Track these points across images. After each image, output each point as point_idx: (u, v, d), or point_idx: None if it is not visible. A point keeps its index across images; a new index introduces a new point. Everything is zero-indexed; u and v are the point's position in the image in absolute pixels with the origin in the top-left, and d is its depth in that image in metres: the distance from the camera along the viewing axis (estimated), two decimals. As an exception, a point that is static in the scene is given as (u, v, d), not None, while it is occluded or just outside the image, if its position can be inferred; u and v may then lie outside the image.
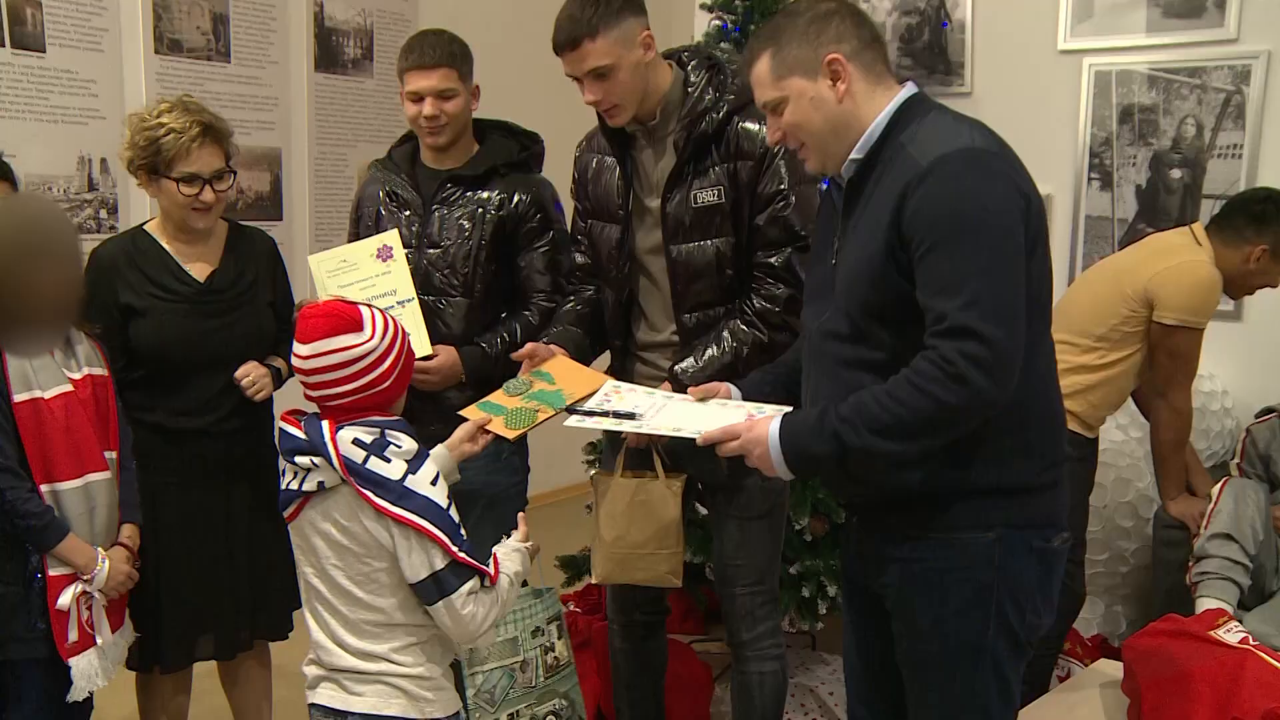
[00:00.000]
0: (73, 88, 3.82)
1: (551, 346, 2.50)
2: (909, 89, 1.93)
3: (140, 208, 3.79)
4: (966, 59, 4.63)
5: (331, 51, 4.63)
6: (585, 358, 2.58)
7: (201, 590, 2.63)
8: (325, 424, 1.90)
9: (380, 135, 4.55)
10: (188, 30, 4.11)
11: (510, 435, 2.22)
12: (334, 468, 1.87)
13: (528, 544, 2.14)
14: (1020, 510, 1.88)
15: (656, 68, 2.49)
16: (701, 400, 2.14)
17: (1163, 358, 3.13)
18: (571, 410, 2.20)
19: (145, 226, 2.66)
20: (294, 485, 1.95)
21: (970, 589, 1.88)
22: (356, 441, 1.89)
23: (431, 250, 2.76)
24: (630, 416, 2.11)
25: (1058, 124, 4.42)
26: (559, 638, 2.55)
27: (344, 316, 1.91)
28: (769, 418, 1.92)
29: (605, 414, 2.14)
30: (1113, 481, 3.87)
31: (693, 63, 2.54)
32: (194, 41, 4.14)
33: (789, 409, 2.00)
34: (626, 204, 2.56)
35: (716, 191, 2.45)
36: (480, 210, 2.75)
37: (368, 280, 2.67)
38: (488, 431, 2.19)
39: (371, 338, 1.91)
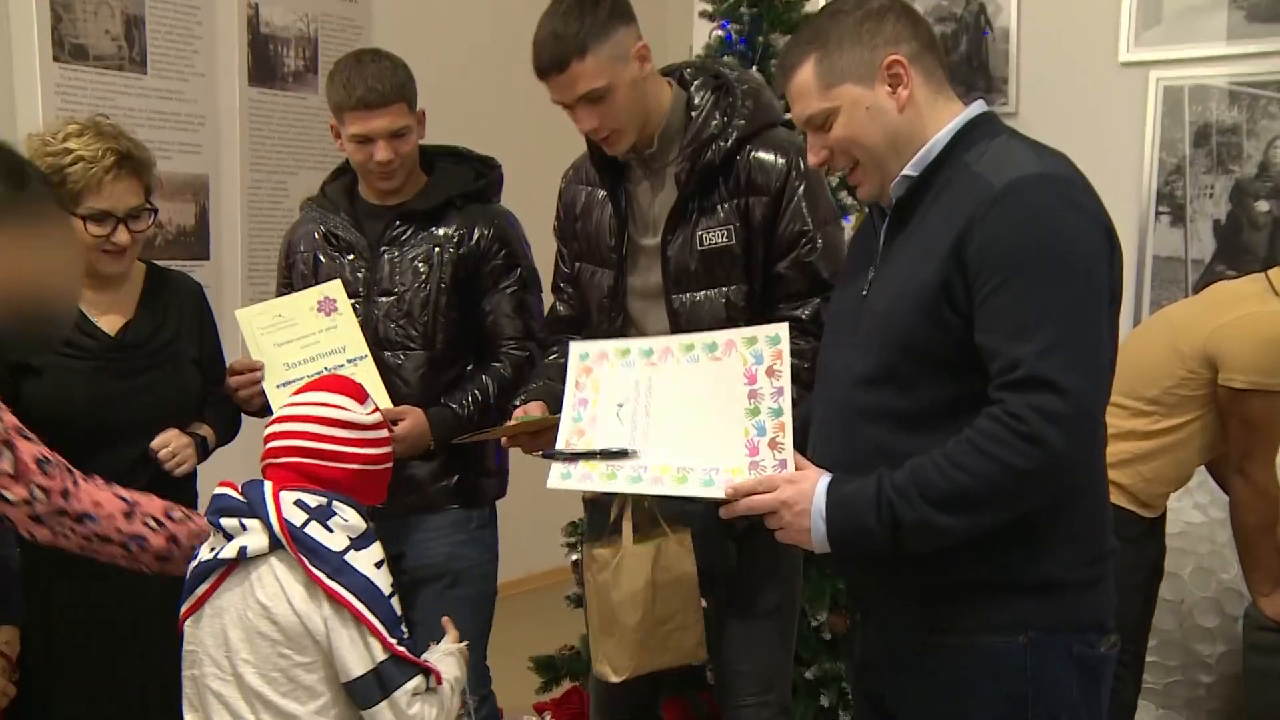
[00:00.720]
0: (-48, 100, 3.83)
1: (529, 407, 2.50)
2: (978, 106, 1.98)
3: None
4: (1011, 73, 4.67)
5: (268, 62, 4.70)
6: None
7: (104, 705, 2.60)
8: (268, 484, 1.98)
9: (325, 160, 4.52)
10: (94, 34, 4.14)
11: (497, 434, 2.36)
12: (269, 527, 1.92)
13: (461, 645, 2.18)
14: (1057, 609, 1.88)
15: (654, 85, 2.53)
16: (688, 347, 2.11)
17: (1236, 427, 3.14)
18: (548, 456, 2.18)
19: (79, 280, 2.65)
20: (207, 556, 1.98)
21: (999, 706, 1.89)
22: (299, 503, 1.95)
23: (383, 299, 2.82)
24: (621, 454, 2.08)
25: (1119, 148, 4.45)
26: None
27: (355, 387, 2.09)
28: (815, 472, 1.91)
29: (591, 455, 2.10)
30: (1191, 572, 3.86)
31: (696, 81, 2.58)
32: (102, 48, 4.17)
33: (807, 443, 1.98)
34: (621, 245, 2.60)
35: (725, 232, 2.50)
36: (437, 249, 2.82)
37: (309, 337, 2.72)
38: None
39: (370, 416, 2.07)
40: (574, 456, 2.13)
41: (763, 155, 2.50)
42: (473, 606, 2.91)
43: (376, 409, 2.11)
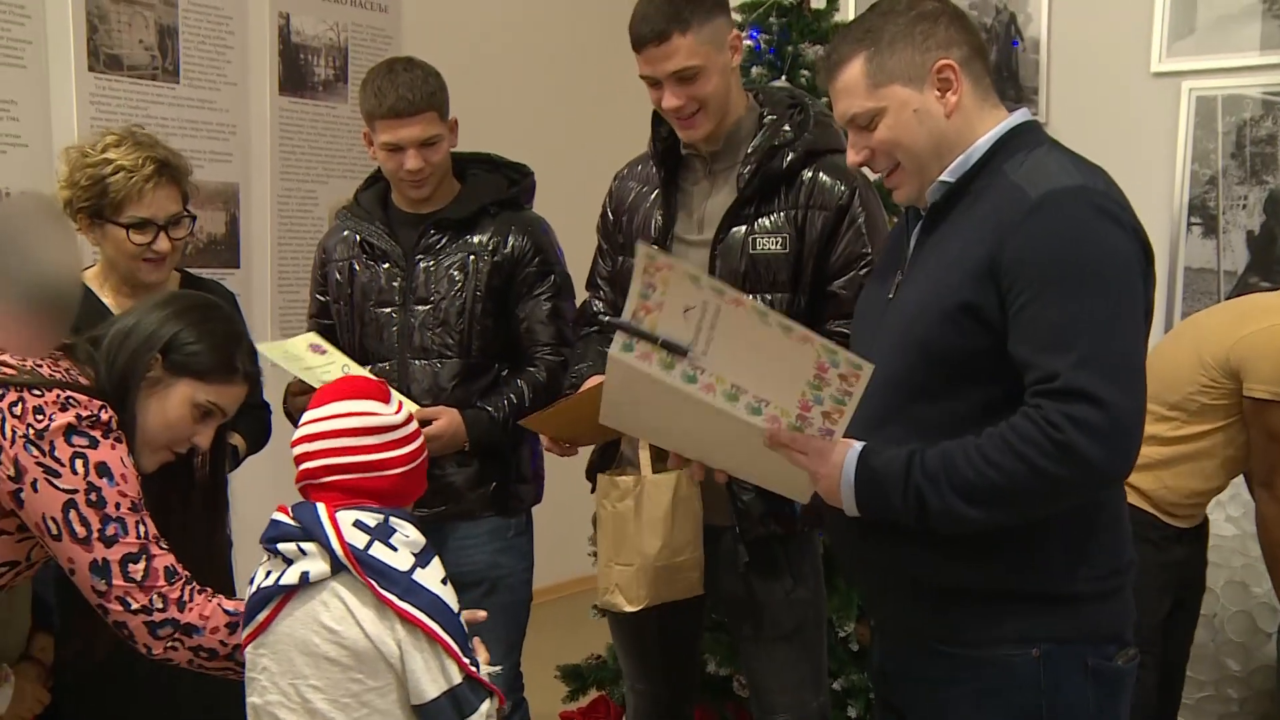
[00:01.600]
0: (-12, 110, 3.90)
1: (592, 379, 2.51)
2: (1022, 114, 1.99)
3: (74, 253, 3.88)
4: (1041, 83, 4.70)
5: (298, 72, 4.76)
6: None
7: (138, 717, 2.62)
8: (321, 505, 1.93)
9: (355, 169, 4.66)
10: (128, 44, 4.20)
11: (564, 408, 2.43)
12: (331, 551, 1.87)
13: (495, 668, 2.13)
14: (1072, 621, 1.90)
15: (737, 84, 2.60)
16: (760, 317, 1.96)
17: (1259, 439, 3.12)
18: (613, 322, 2.09)
19: (81, 276, 2.67)
20: (267, 582, 1.94)
21: (1013, 717, 1.90)
22: (359, 524, 1.91)
23: (420, 307, 2.87)
24: (680, 350, 1.97)
25: (1151, 159, 4.47)
26: None
27: (372, 385, 2.04)
28: (845, 444, 1.91)
29: (653, 339, 1.98)
30: (1223, 586, 3.85)
31: (776, 98, 2.66)
32: (136, 58, 4.24)
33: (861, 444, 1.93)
34: (664, 238, 2.65)
35: (780, 239, 2.55)
36: (472, 257, 2.87)
37: (320, 367, 2.76)
38: None
39: (397, 414, 2.01)
40: (638, 333, 2.01)
41: (826, 178, 2.56)
42: (509, 614, 2.95)
43: (401, 405, 2.07)
